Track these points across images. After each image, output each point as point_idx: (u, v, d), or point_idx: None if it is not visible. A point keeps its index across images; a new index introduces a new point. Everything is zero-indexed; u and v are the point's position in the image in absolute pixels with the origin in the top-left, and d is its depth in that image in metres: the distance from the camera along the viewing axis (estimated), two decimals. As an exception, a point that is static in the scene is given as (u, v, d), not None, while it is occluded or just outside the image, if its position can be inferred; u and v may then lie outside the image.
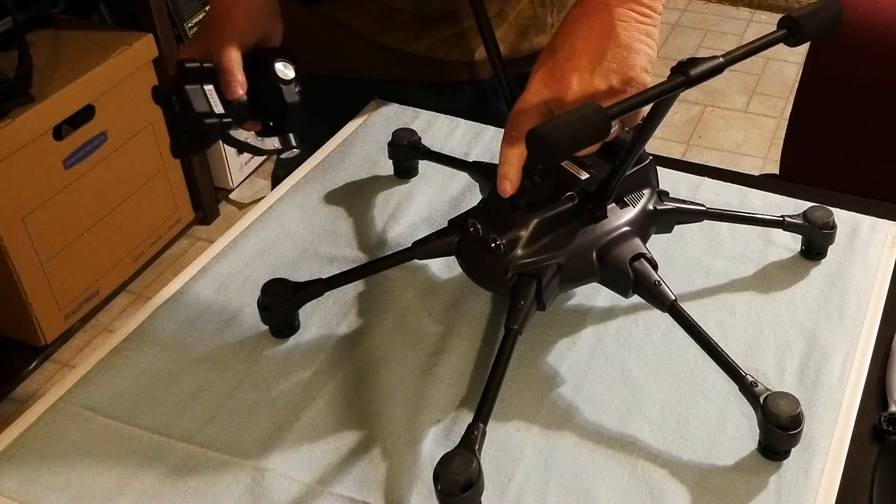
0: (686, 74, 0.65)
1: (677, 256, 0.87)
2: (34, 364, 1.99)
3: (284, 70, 0.82)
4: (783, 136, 1.33)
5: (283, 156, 0.84)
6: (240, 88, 0.80)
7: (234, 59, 0.81)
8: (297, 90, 0.82)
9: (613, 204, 0.76)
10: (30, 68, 1.83)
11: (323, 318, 0.83)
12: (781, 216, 0.85)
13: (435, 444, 0.71)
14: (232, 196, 2.45)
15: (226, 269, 0.88)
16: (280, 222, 0.94)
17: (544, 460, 0.70)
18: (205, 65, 0.81)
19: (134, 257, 2.17)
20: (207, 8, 0.87)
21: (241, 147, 0.83)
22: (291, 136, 0.83)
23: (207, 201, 2.34)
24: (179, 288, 0.86)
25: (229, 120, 0.80)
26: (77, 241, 1.98)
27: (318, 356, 0.79)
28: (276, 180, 1.18)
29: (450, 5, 1.01)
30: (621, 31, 0.71)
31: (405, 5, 1.01)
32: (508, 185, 0.71)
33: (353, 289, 0.85)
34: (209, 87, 0.80)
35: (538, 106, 0.71)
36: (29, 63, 1.83)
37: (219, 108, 0.79)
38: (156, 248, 2.23)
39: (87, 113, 1.91)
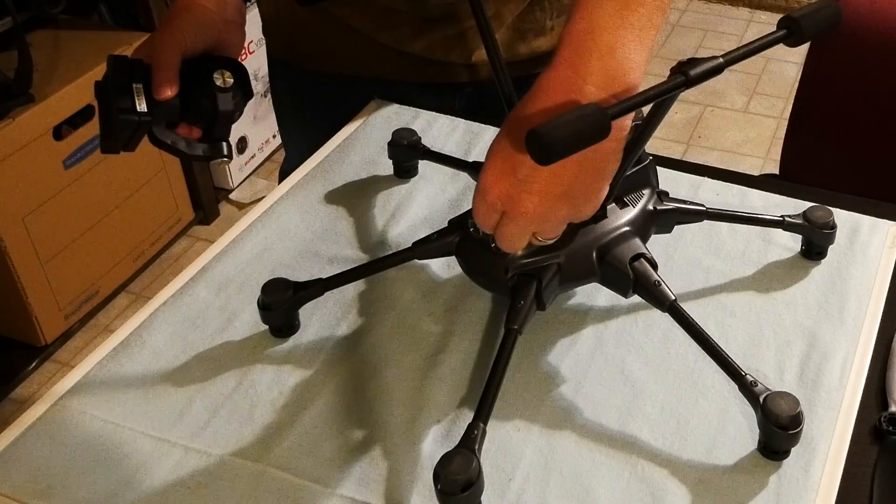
0: (686, 75, 0.65)
1: (677, 257, 0.87)
2: (34, 364, 1.98)
3: (223, 78, 0.82)
4: (783, 136, 1.33)
5: (214, 162, 0.85)
6: (168, 90, 0.80)
7: (168, 60, 0.81)
8: (233, 100, 0.82)
9: (613, 204, 0.76)
10: (30, 68, 1.83)
11: (323, 319, 0.83)
12: (781, 216, 0.85)
13: (435, 443, 0.71)
14: (232, 196, 2.45)
15: (226, 269, 0.88)
16: (280, 222, 0.94)
17: (544, 460, 0.70)
18: (137, 62, 0.81)
19: (134, 257, 2.17)
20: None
21: (167, 149, 0.83)
22: (224, 144, 0.83)
23: (207, 201, 2.34)
24: (179, 288, 0.86)
25: (148, 119, 0.79)
26: (77, 241, 1.98)
27: (318, 356, 0.79)
28: (284, 177, 1.18)
29: (447, 7, 1.01)
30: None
31: (403, 5, 1.01)
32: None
33: (353, 289, 0.85)
34: (137, 85, 0.80)
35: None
36: (29, 63, 1.83)
37: (142, 107, 0.79)
38: (156, 248, 2.23)
39: (87, 113, 1.91)
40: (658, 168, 0.81)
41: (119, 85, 0.80)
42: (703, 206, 0.83)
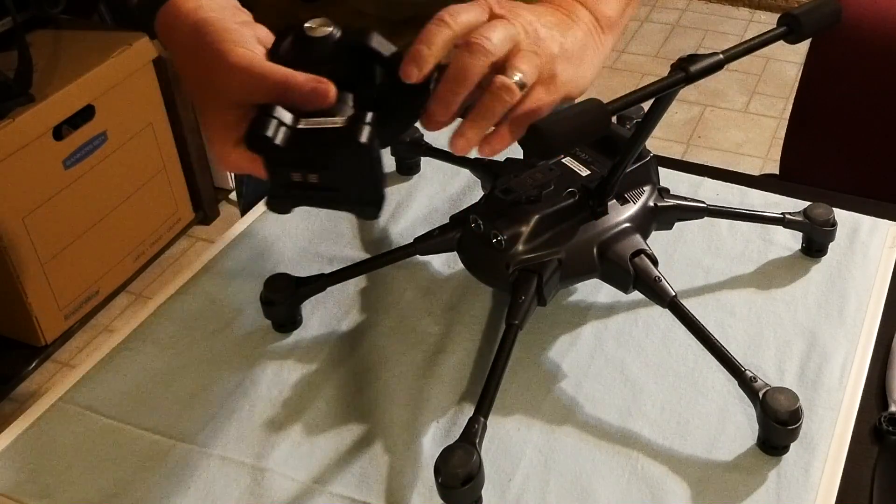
0: (686, 70, 0.65)
1: (677, 256, 0.87)
2: (34, 364, 1.99)
3: (383, 42, 0.64)
4: (783, 136, 1.33)
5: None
6: (329, 89, 0.61)
7: (280, 68, 0.62)
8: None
9: (614, 200, 0.76)
10: (30, 68, 1.83)
11: (323, 318, 0.83)
12: (782, 213, 0.85)
13: (435, 443, 0.71)
14: (232, 196, 2.45)
15: (226, 268, 0.88)
16: (280, 222, 0.94)
17: (544, 460, 0.70)
18: (269, 107, 0.60)
19: (134, 257, 2.17)
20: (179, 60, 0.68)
21: (375, 168, 0.60)
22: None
23: (207, 201, 2.34)
24: (179, 288, 0.86)
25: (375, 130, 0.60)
26: (77, 241, 1.98)
27: (318, 356, 0.79)
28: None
29: (412, 10, 1.00)
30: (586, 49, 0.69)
31: (371, 9, 1.01)
32: (416, 71, 0.62)
33: (354, 288, 0.85)
34: (299, 119, 0.59)
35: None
36: (29, 63, 1.83)
37: (368, 118, 0.59)
38: (156, 248, 2.23)
39: (87, 113, 1.91)
40: (658, 168, 0.81)
41: (304, 129, 0.59)
42: (703, 202, 0.83)
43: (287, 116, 0.59)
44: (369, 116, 0.60)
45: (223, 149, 0.62)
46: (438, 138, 1.04)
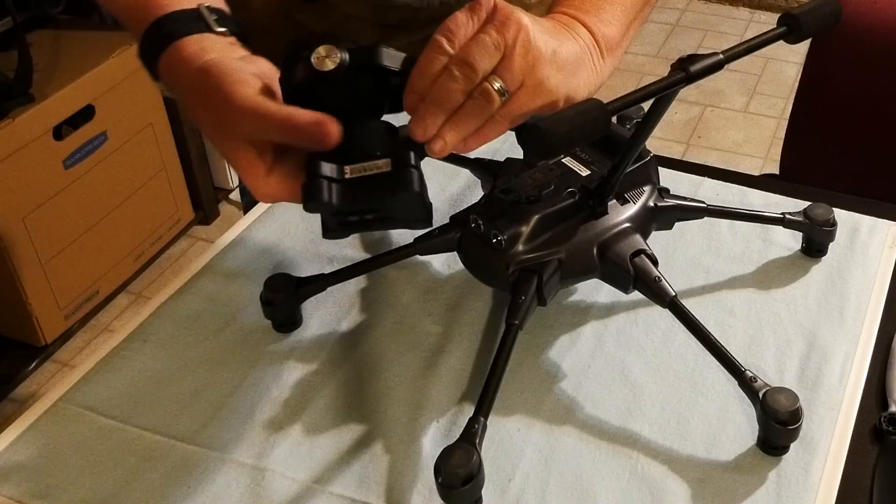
0: (686, 70, 0.65)
1: (677, 256, 0.87)
2: (34, 364, 1.98)
3: (391, 54, 0.64)
4: (783, 136, 1.33)
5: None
6: (333, 129, 0.61)
7: (287, 107, 0.61)
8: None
9: (614, 200, 0.76)
10: (30, 68, 1.83)
11: (323, 319, 0.83)
12: (782, 213, 0.85)
13: (435, 443, 0.71)
14: (232, 196, 2.45)
15: (226, 268, 0.88)
16: (280, 222, 0.94)
17: (544, 460, 0.70)
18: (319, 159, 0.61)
19: (134, 257, 2.17)
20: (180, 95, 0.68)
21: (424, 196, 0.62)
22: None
23: (207, 201, 2.34)
24: (179, 288, 0.86)
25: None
26: (77, 241, 1.98)
27: (318, 356, 0.79)
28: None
29: (405, 13, 1.00)
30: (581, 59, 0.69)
31: (362, 12, 1.01)
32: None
33: (353, 288, 0.85)
34: (344, 168, 0.60)
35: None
36: (29, 63, 1.83)
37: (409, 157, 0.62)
38: (156, 248, 2.23)
39: (87, 113, 1.91)
40: (658, 168, 0.81)
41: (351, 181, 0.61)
42: (703, 202, 0.83)
43: (330, 169, 0.61)
44: (412, 157, 0.63)
45: (255, 182, 0.63)
46: (438, 138, 1.03)
